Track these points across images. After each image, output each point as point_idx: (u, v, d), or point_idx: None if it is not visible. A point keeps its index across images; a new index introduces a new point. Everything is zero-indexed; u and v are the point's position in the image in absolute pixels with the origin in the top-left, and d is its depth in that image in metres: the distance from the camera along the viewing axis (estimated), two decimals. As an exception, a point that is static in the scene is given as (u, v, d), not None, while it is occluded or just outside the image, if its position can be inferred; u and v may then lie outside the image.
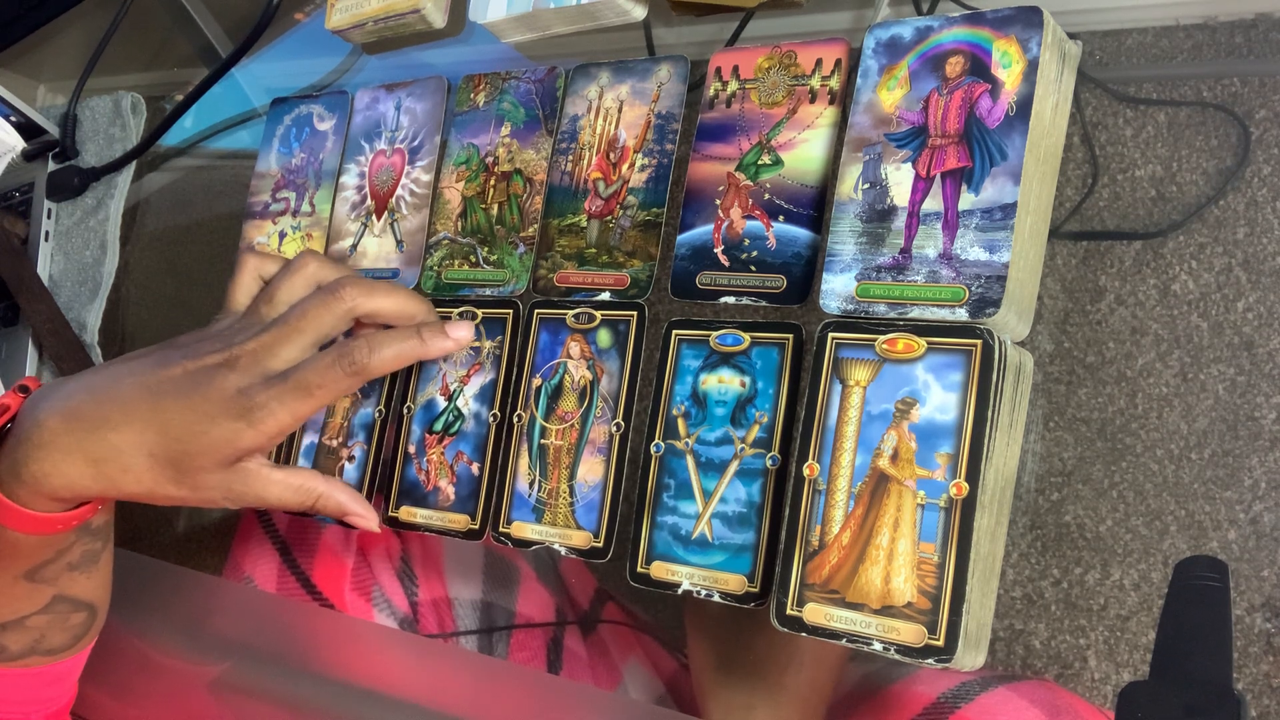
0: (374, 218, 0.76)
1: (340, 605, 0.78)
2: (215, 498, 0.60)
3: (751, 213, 0.60)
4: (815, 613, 0.52)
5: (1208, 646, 0.48)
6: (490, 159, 0.72)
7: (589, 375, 0.64)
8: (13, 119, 0.99)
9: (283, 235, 0.81)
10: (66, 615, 0.66)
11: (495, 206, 0.71)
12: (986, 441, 0.50)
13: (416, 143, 0.76)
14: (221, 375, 0.58)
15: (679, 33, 0.72)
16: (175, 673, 0.78)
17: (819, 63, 0.60)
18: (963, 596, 0.48)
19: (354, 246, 0.77)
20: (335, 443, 0.74)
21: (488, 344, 0.65)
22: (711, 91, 0.63)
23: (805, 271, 0.58)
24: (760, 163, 0.60)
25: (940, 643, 0.48)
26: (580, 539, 0.62)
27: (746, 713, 0.61)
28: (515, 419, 0.66)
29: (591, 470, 0.62)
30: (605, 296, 0.64)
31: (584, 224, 0.66)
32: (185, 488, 0.59)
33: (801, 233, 0.58)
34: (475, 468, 0.67)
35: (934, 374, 0.52)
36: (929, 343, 0.52)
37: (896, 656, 0.49)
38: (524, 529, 0.64)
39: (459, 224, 0.72)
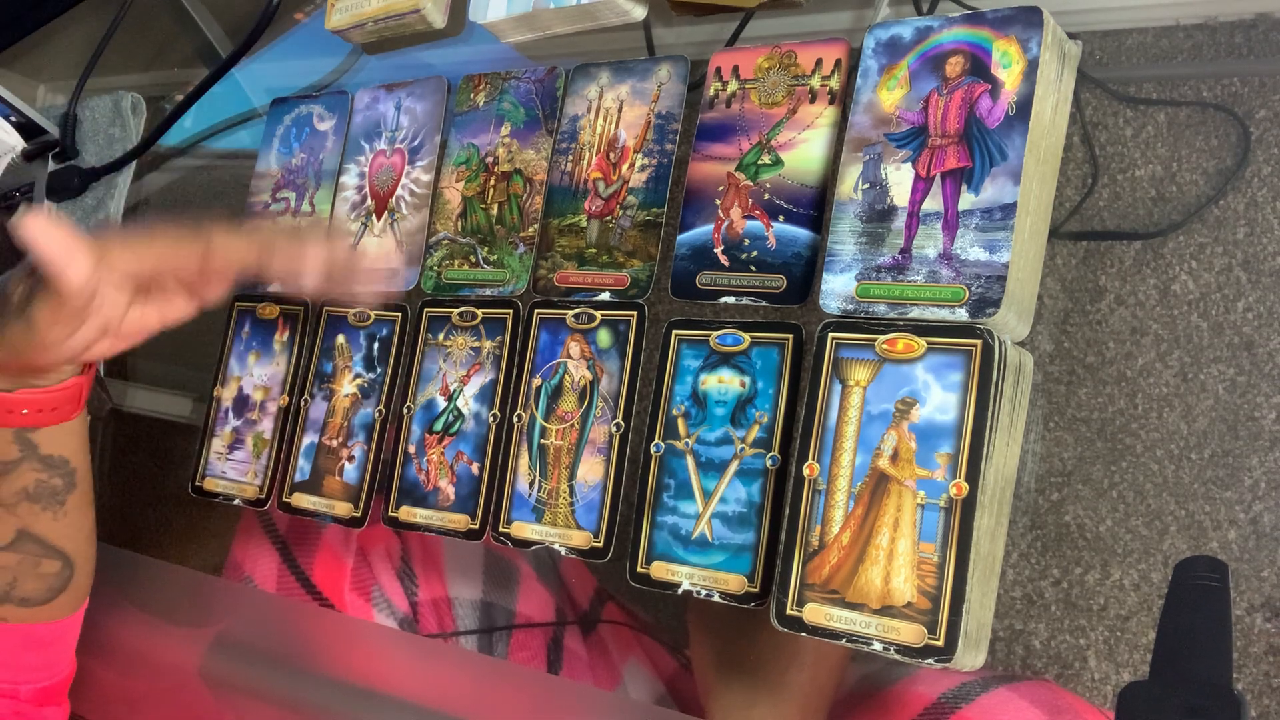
0: (374, 218, 0.76)
1: (340, 605, 0.78)
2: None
3: (751, 213, 0.60)
4: (815, 613, 0.52)
5: (1208, 646, 0.48)
6: (490, 159, 0.72)
7: (589, 375, 0.64)
8: (13, 119, 0.99)
9: (283, 235, 0.81)
10: (38, 560, 0.67)
11: (495, 206, 0.71)
12: (986, 441, 0.50)
13: (416, 143, 0.76)
14: None
15: (679, 33, 0.72)
16: (175, 672, 0.78)
17: (819, 63, 0.60)
18: (963, 596, 0.48)
19: (354, 246, 0.77)
20: (335, 443, 0.74)
21: None
22: (711, 91, 0.63)
23: (805, 271, 0.58)
24: (760, 163, 0.60)
25: (940, 643, 0.48)
26: (580, 539, 0.62)
27: (747, 711, 0.61)
28: (515, 419, 0.66)
29: (591, 470, 0.62)
30: (605, 296, 0.64)
31: (584, 224, 0.66)
32: None
33: (801, 233, 0.58)
34: (475, 468, 0.67)
35: (934, 374, 0.52)
36: (929, 343, 0.52)
37: (896, 656, 0.49)
38: (524, 529, 0.64)
39: (459, 224, 0.72)
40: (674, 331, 0.61)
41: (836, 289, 0.55)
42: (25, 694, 0.69)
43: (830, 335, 0.54)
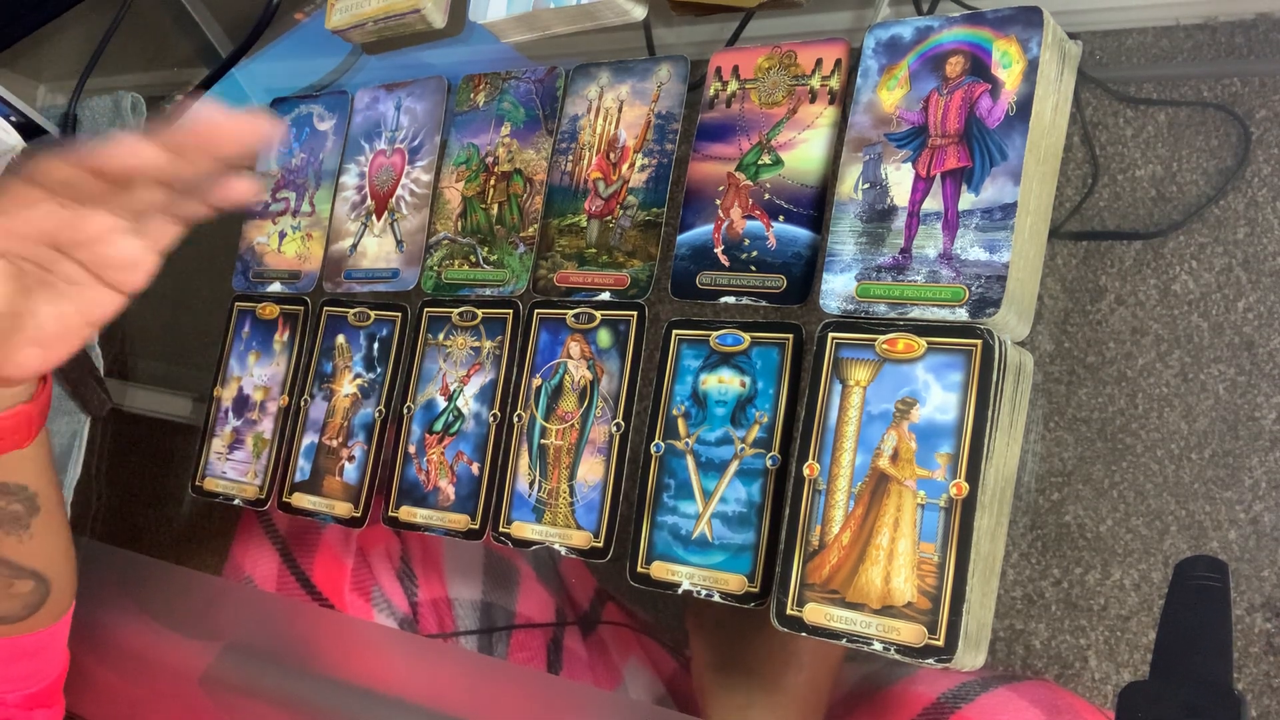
0: (374, 218, 0.76)
1: (340, 605, 0.78)
2: None
3: (751, 213, 0.60)
4: (815, 613, 0.52)
5: (1208, 646, 0.48)
6: (490, 159, 0.72)
7: (589, 375, 0.64)
8: (13, 119, 0.99)
9: (283, 235, 0.81)
10: (9, 582, 0.66)
11: (495, 206, 0.71)
12: (986, 441, 0.50)
13: (416, 143, 0.76)
14: None
15: (679, 33, 0.72)
16: (174, 672, 0.78)
17: (819, 63, 0.60)
18: (963, 596, 0.48)
19: (354, 246, 0.77)
20: (335, 443, 0.74)
21: None
22: (711, 91, 0.63)
23: (805, 271, 0.58)
24: (760, 163, 0.60)
25: (940, 643, 0.48)
26: (580, 539, 0.62)
27: (745, 711, 0.61)
28: (515, 419, 0.66)
29: (591, 470, 0.62)
30: (605, 296, 0.64)
31: (584, 224, 0.66)
32: None
33: (801, 233, 0.58)
34: (475, 468, 0.67)
35: (934, 374, 0.52)
36: (929, 343, 0.52)
37: (896, 656, 0.49)
38: (524, 529, 0.64)
39: (459, 224, 0.72)
40: (674, 331, 0.61)
41: (836, 289, 0.55)
42: (14, 700, 0.69)
43: (830, 335, 0.54)
